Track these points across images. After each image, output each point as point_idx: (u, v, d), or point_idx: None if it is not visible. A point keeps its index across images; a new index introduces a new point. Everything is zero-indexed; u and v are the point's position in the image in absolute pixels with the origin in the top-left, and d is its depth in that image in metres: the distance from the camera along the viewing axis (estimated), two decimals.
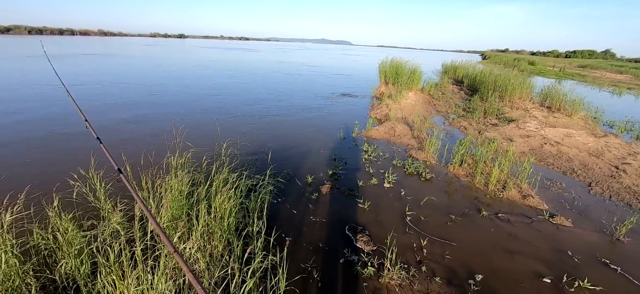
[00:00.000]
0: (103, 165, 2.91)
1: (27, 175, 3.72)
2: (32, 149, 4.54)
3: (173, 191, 2.37)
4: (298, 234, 2.91)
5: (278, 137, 5.72)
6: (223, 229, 2.34)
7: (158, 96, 8.90)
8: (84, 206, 2.71)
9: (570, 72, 28.62)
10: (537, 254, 2.85)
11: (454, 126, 7.33)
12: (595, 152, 5.68)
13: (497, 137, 6.26)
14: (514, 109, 8.98)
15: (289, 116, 7.38)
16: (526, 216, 3.48)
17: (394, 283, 2.38)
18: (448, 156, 5.00)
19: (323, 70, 19.01)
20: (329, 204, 3.49)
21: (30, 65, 14.25)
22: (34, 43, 32.63)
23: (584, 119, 8.06)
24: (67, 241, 2.02)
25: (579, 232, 3.25)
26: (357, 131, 6.25)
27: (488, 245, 2.95)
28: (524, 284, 2.47)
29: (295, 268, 2.45)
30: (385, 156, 5.06)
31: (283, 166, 4.34)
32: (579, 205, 3.84)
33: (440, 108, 9.26)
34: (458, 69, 17.48)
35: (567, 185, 4.39)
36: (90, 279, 1.97)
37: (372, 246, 2.80)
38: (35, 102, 7.33)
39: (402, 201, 3.67)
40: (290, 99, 9.41)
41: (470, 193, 3.98)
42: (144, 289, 1.66)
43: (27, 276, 1.94)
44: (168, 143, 2.94)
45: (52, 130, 5.43)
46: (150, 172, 2.77)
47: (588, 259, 2.83)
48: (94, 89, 9.44)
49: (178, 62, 19.46)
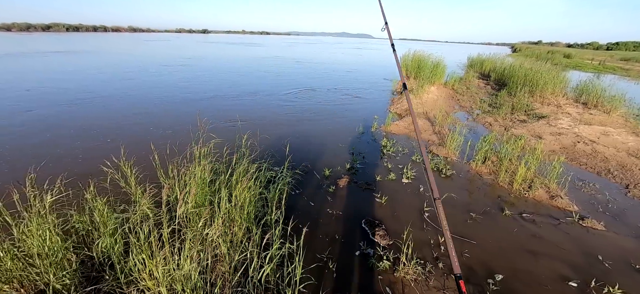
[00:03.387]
0: (133, 154, 3.11)
1: (65, 162, 4.06)
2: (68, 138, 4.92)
3: (197, 179, 2.50)
4: (315, 225, 2.96)
5: (296, 131, 5.79)
6: (243, 217, 2.44)
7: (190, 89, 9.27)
8: (116, 192, 2.91)
9: (612, 65, 26.30)
10: (564, 257, 2.71)
11: (478, 122, 7.04)
12: (635, 153, 5.25)
13: (525, 135, 5.94)
14: (544, 105, 8.46)
15: (307, 110, 7.42)
16: (553, 218, 3.31)
17: (410, 277, 2.38)
18: (470, 153, 4.83)
19: (344, 64, 18.84)
20: (346, 198, 3.52)
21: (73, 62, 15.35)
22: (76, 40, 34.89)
23: (625, 116, 7.44)
24: (102, 222, 2.19)
25: (612, 236, 3.05)
26: (376, 126, 6.18)
27: (510, 245, 2.85)
28: (547, 287, 2.37)
29: (311, 257, 2.51)
30: (404, 152, 4.98)
31: (301, 158, 4.41)
32: (614, 208, 3.59)
33: (464, 103, 8.90)
34: (485, 62, 16.65)
35: (601, 186, 4.11)
36: (123, 257, 2.14)
37: (388, 240, 2.79)
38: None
39: (421, 197, 3.61)
40: (307, 94, 9.45)
41: (493, 192, 3.84)
42: (171, 268, 1.78)
43: (67, 252, 2.14)
44: (193, 134, 3.08)
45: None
46: (175, 161, 2.92)
47: (620, 265, 2.66)
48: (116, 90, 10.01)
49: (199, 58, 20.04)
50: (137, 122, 5.80)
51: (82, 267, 2.22)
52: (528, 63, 12.74)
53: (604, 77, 14.93)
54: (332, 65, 17.61)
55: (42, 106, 6.70)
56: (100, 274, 2.17)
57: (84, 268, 2.23)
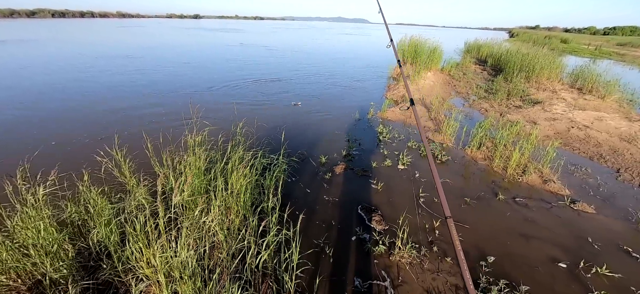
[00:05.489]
0: (126, 142, 3.06)
1: (58, 152, 4.00)
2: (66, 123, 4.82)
3: (192, 168, 2.48)
4: (311, 212, 2.98)
5: (292, 118, 5.75)
6: (239, 205, 2.44)
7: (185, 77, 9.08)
8: (111, 181, 2.88)
9: (608, 50, 26.32)
10: (555, 239, 2.78)
11: (474, 108, 7.05)
12: (627, 137, 5.32)
13: (520, 120, 5.97)
14: (540, 91, 8.48)
15: (303, 97, 7.34)
16: (546, 202, 3.38)
17: (405, 261, 2.43)
18: (466, 139, 4.86)
19: (339, 50, 18.55)
20: (342, 184, 3.53)
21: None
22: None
23: (618, 101, 7.50)
24: (97, 212, 2.18)
25: (602, 219, 3.13)
26: (372, 113, 6.16)
27: (503, 229, 2.91)
28: (538, 268, 2.44)
29: (307, 243, 2.54)
30: (400, 138, 4.98)
31: (297, 146, 4.39)
32: (604, 192, 3.66)
33: (461, 89, 8.89)
34: (482, 47, 16.53)
35: (593, 171, 4.18)
36: (120, 247, 2.14)
37: (384, 225, 2.83)
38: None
39: (416, 182, 3.64)
40: (303, 81, 9.33)
41: (487, 177, 3.89)
42: (168, 256, 1.78)
43: (63, 242, 2.13)
44: (186, 122, 3.04)
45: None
46: (168, 150, 2.89)
47: (609, 246, 2.74)
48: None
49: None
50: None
51: (78, 257, 2.22)
52: (525, 48, 12.68)
53: (600, 62, 14.96)
54: (318, 54, 17.03)
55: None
56: (97, 264, 2.18)
57: (81, 257, 2.23)
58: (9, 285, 2.00)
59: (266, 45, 19.70)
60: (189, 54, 14.14)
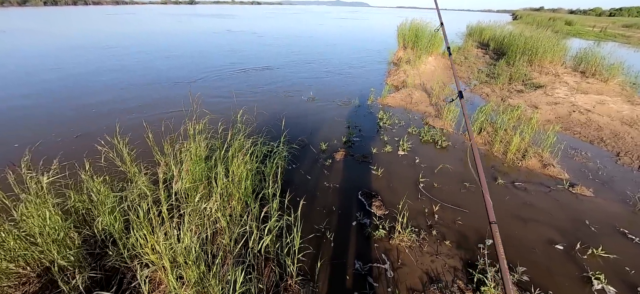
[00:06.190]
0: (128, 131, 3.06)
1: (60, 142, 4.01)
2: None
3: (193, 156, 2.49)
4: (312, 198, 3.02)
5: (292, 106, 5.72)
6: (241, 192, 2.47)
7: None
8: (112, 170, 2.89)
9: (613, 33, 25.78)
10: (553, 222, 2.82)
11: (475, 93, 6.99)
12: (629, 121, 5.30)
13: (522, 105, 5.93)
14: (543, 75, 8.38)
15: (303, 82, 7.28)
16: (545, 185, 3.40)
17: (404, 244, 2.47)
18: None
19: (337, 34, 18.22)
20: (342, 171, 3.56)
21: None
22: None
23: (621, 85, 7.42)
24: (101, 200, 2.21)
25: (600, 202, 3.16)
26: (372, 98, 6.12)
27: (502, 212, 2.94)
28: (535, 250, 2.49)
29: (309, 229, 2.59)
30: (400, 124, 4.97)
31: (297, 133, 4.39)
32: (603, 175, 3.68)
33: (462, 74, 8.78)
34: (484, 30, 16.20)
35: (593, 155, 4.19)
36: (125, 234, 2.18)
37: (384, 210, 2.87)
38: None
39: (416, 168, 3.66)
40: (303, 66, 9.22)
41: (487, 162, 3.90)
42: (173, 242, 1.82)
43: (69, 230, 2.17)
44: (186, 110, 3.03)
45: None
46: (170, 138, 2.89)
47: (606, 228, 2.78)
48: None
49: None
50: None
51: (85, 245, 2.27)
52: (528, 31, 12.43)
53: (605, 44, 14.70)
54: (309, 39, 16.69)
55: None
56: (103, 251, 2.22)
57: (87, 245, 2.27)
58: (18, 273, 2.06)
59: (269, 33, 18.91)
60: (175, 43, 13.13)
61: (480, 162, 1.36)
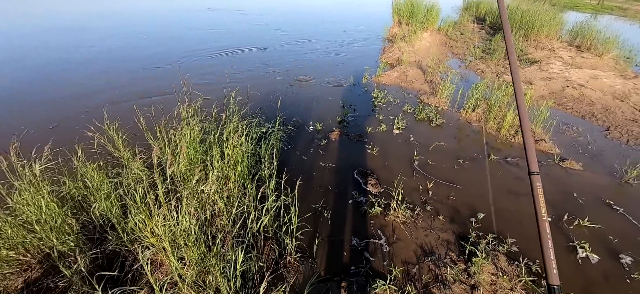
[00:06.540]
0: (116, 116, 2.99)
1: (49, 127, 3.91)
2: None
3: (187, 138, 2.46)
4: (308, 178, 3.05)
5: (285, 87, 5.62)
6: (237, 174, 2.48)
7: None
8: (105, 156, 2.85)
9: (610, 5, 25.42)
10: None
11: (471, 69, 6.95)
12: (620, 96, 5.36)
13: None
14: (538, 50, 8.32)
15: (294, 63, 7.12)
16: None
17: (399, 220, 2.54)
18: (461, 101, 4.85)
19: (330, 11, 17.63)
20: (338, 150, 3.57)
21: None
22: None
23: (615, 59, 7.43)
24: (96, 186, 2.20)
25: (588, 175, 3.26)
26: (367, 77, 6.04)
27: (494, 187, 3.02)
28: (524, 223, 2.59)
29: (306, 208, 2.63)
30: (395, 102, 4.95)
31: (292, 114, 4.35)
32: (593, 149, 3.77)
33: (457, 50, 8.67)
34: (480, 4, 15.81)
35: (584, 129, 4.27)
36: (123, 219, 2.19)
37: (379, 188, 2.92)
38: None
39: (411, 146, 3.70)
40: (294, 46, 8.97)
41: (480, 138, 3.95)
42: (171, 225, 1.84)
43: (67, 216, 2.17)
44: (174, 93, 2.96)
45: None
46: (162, 121, 2.84)
47: (592, 200, 2.88)
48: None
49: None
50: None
51: (84, 230, 2.28)
52: (525, 4, 12.19)
53: (601, 18, 14.55)
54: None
55: None
56: (103, 236, 2.24)
57: (86, 231, 2.29)
58: (19, 259, 2.07)
59: (255, 10, 18.22)
60: (155, 23, 12.03)
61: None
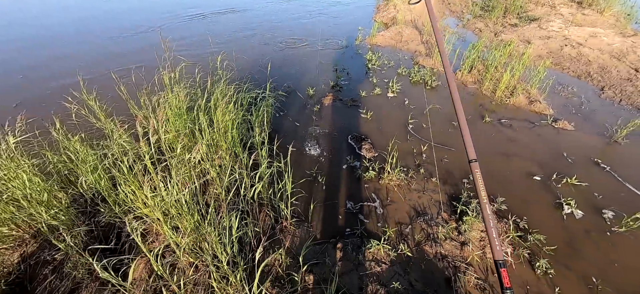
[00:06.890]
0: (92, 84, 2.80)
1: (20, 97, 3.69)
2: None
3: (172, 107, 2.35)
4: (302, 144, 3.00)
5: (273, 50, 5.34)
6: (228, 142, 2.41)
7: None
8: (87, 127, 2.71)
9: None
10: (533, 156, 2.95)
11: (468, 29, 6.68)
12: (618, 54, 5.27)
13: (515, 40, 5.74)
14: (539, 6, 7.98)
15: (282, 25, 6.71)
16: (529, 121, 3.48)
17: (393, 183, 2.56)
18: (457, 63, 4.71)
19: None
20: (331, 116, 3.50)
21: None
22: None
23: (616, 16, 7.20)
24: (82, 159, 2.11)
25: (579, 135, 3.29)
26: (360, 38, 5.76)
27: (487, 149, 3.04)
28: (514, 182, 2.64)
29: (300, 174, 2.62)
30: (390, 64, 4.79)
31: (282, 79, 4.18)
32: (586, 109, 3.77)
33: (455, 8, 8.27)
34: None
35: (578, 89, 4.24)
36: (113, 190, 2.14)
37: (373, 152, 2.91)
38: None
39: (406, 110, 3.64)
40: (280, 5, 8.41)
41: (476, 100, 3.90)
42: (163, 195, 1.80)
43: (54, 191, 2.11)
44: (159, 57, 2.76)
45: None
46: (144, 89, 2.68)
47: (581, 159, 2.94)
48: None
49: None
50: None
51: (75, 204, 2.23)
52: None
53: None
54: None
55: None
56: (95, 209, 2.20)
57: (77, 205, 2.24)
58: (12, 235, 2.04)
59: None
60: None
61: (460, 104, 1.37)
